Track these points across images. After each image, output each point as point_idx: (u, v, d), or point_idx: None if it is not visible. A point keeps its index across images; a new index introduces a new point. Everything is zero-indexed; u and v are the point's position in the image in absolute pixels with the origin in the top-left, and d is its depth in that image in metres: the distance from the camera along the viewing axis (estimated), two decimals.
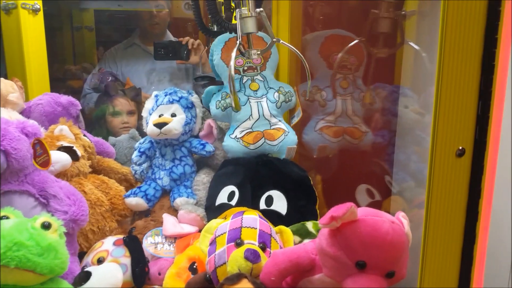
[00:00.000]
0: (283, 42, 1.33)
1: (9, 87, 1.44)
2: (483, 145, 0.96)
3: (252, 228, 1.02)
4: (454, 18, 0.93)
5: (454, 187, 0.97)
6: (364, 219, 0.82)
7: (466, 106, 0.95)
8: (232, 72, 1.20)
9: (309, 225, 1.18)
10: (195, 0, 1.52)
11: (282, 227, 1.10)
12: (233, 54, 1.23)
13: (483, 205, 1.00)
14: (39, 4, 1.78)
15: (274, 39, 1.30)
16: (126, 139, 1.83)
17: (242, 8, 1.21)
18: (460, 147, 0.96)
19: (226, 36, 1.51)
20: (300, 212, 1.28)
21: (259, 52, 1.30)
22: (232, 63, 1.20)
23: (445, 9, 0.93)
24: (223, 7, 1.52)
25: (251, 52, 1.29)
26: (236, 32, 1.25)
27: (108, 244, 1.18)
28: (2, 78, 1.48)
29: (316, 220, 1.25)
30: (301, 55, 1.32)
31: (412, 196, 1.34)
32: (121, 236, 1.23)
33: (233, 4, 1.49)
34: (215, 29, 1.53)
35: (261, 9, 1.24)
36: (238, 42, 1.24)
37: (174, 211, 1.40)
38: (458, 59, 0.94)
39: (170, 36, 2.29)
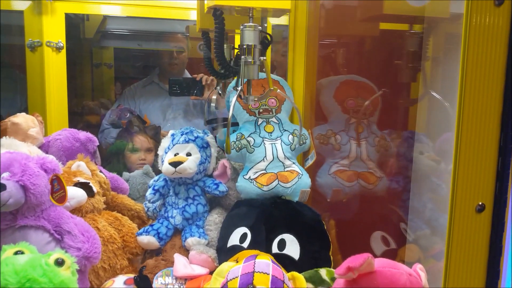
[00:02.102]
0: (279, 91, 1.41)
1: (30, 122, 1.48)
2: (503, 201, 0.95)
3: (264, 273, 1.00)
4: (473, 72, 0.95)
5: (474, 243, 0.96)
6: (381, 271, 0.81)
7: (485, 162, 0.95)
8: (230, 115, 1.29)
9: (323, 272, 1.16)
10: (206, 43, 1.57)
11: (295, 273, 1.08)
12: (234, 99, 1.32)
13: (504, 262, 0.98)
14: (62, 42, 1.85)
15: (271, 88, 1.35)
16: (140, 175, 1.85)
17: (247, 56, 1.26)
18: (480, 203, 0.95)
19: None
20: (314, 258, 1.26)
21: (256, 99, 1.36)
22: (231, 108, 1.30)
23: (464, 61, 0.95)
24: (235, 51, 1.57)
25: (249, 97, 1.34)
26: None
27: (119, 283, 1.17)
28: (23, 113, 1.52)
29: (330, 267, 1.23)
30: (294, 102, 1.42)
31: (427, 245, 1.32)
32: (132, 275, 1.22)
33: (237, 51, 1.54)
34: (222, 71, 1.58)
35: (264, 57, 1.30)
36: (239, 88, 1.30)
37: (185, 251, 1.39)
38: (477, 116, 0.95)
39: (188, 75, 2.35)
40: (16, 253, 0.95)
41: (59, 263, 0.95)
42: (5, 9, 1.86)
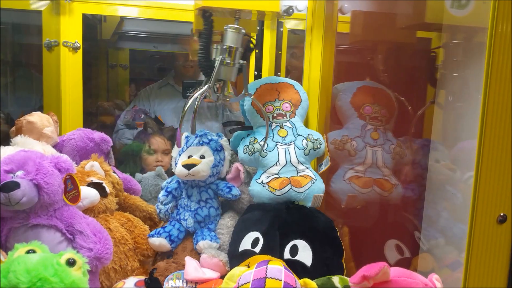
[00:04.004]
0: (253, 98, 1.41)
1: (45, 121, 1.49)
2: None
3: (277, 279, 0.99)
4: (497, 81, 0.93)
5: (495, 254, 0.93)
6: (396, 281, 0.79)
7: (507, 172, 0.93)
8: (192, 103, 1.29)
9: (335, 279, 1.14)
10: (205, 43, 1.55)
11: (307, 280, 1.07)
12: (197, 94, 1.30)
13: None
14: (79, 43, 1.86)
15: (246, 93, 1.36)
16: (152, 177, 1.85)
17: (227, 57, 1.27)
18: (502, 214, 0.93)
19: (257, 82, 1.54)
20: (326, 264, 1.24)
21: (227, 99, 1.35)
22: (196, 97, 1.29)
23: (488, 70, 0.93)
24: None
25: (220, 96, 1.34)
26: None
27: (129, 285, 1.17)
28: (38, 112, 1.53)
29: (342, 274, 1.21)
30: (264, 111, 1.41)
31: (441, 255, 1.30)
32: (142, 277, 1.22)
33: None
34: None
35: (244, 61, 1.30)
36: (207, 86, 1.29)
37: (196, 254, 1.39)
38: (500, 125, 0.93)
39: (203, 78, 2.35)
40: (28, 252, 0.95)
41: (71, 263, 0.95)
42: (24, 9, 1.88)
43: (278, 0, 1.38)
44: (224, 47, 1.27)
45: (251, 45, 1.42)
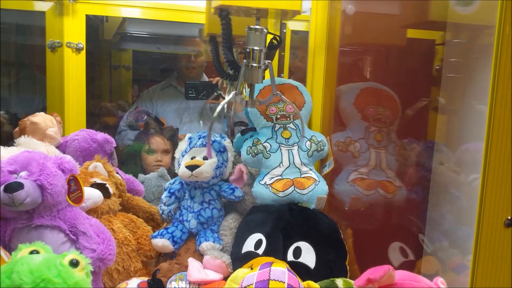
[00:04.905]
0: (283, 97, 1.35)
1: (48, 122, 1.49)
2: None
3: (280, 281, 0.98)
4: (505, 83, 0.92)
5: (502, 258, 0.92)
6: (401, 284, 0.79)
7: None
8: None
9: (339, 282, 1.13)
10: (214, 43, 1.55)
11: (310, 282, 1.06)
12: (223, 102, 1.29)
13: None
14: (82, 44, 1.86)
15: (273, 93, 1.31)
16: (155, 177, 1.85)
17: (251, 60, 1.22)
18: (509, 217, 0.92)
19: (260, 84, 1.53)
20: (329, 267, 1.24)
21: (257, 102, 1.32)
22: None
23: (496, 72, 0.92)
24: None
25: (250, 101, 1.30)
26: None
27: (132, 286, 1.16)
28: (42, 113, 1.53)
29: (346, 276, 1.21)
30: (298, 112, 1.37)
31: (445, 257, 1.29)
32: (145, 278, 1.21)
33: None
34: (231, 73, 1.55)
35: (270, 61, 1.25)
36: (233, 93, 1.26)
37: (199, 255, 1.38)
38: (508, 127, 0.92)
39: (205, 79, 2.36)
40: (31, 252, 0.95)
41: (74, 264, 0.95)
42: (28, 10, 1.88)
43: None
44: (248, 50, 1.22)
45: (275, 41, 1.35)
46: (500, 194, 0.92)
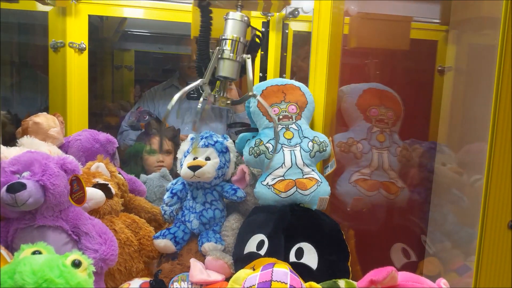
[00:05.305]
0: (259, 98, 1.22)
1: (51, 122, 1.49)
2: None
3: (282, 282, 0.98)
4: (509, 83, 0.91)
5: (505, 260, 0.92)
6: (404, 285, 0.78)
7: None
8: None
9: (341, 283, 1.13)
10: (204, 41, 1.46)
11: (313, 283, 1.06)
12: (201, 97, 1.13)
13: None
14: (85, 44, 1.87)
15: (250, 94, 1.16)
16: (157, 178, 1.85)
17: (225, 48, 1.07)
18: None
19: (263, 84, 1.53)
20: (331, 268, 1.23)
21: (228, 102, 1.17)
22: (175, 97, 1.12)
23: (500, 71, 0.92)
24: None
25: (216, 96, 1.15)
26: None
27: (134, 286, 1.16)
28: (44, 113, 1.53)
29: (348, 278, 1.21)
30: (272, 112, 1.24)
31: (448, 258, 1.29)
32: (147, 279, 1.21)
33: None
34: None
35: (249, 55, 1.11)
36: (200, 80, 1.12)
37: (201, 256, 1.38)
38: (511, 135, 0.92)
39: None
40: (34, 253, 0.95)
41: (76, 264, 0.95)
42: (30, 10, 1.88)
43: None
44: (223, 37, 1.06)
45: (257, 39, 1.20)
46: (504, 195, 0.92)
